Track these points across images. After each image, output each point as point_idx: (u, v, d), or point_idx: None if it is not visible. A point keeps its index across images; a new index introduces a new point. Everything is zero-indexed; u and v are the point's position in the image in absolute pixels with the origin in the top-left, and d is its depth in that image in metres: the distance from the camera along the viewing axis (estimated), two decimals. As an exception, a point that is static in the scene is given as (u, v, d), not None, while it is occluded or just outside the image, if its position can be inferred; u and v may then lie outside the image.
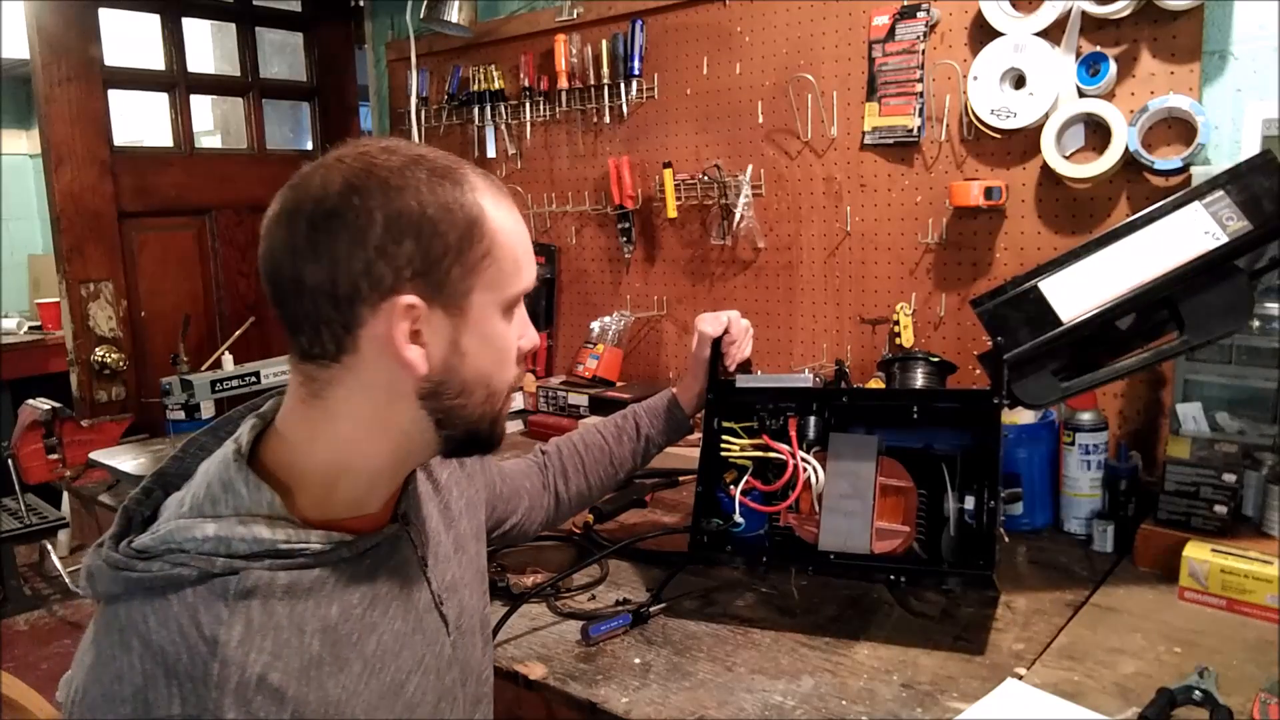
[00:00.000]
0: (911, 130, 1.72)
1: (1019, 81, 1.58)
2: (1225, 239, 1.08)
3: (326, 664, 0.69)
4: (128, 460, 1.90)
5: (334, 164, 0.70)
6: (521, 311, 0.78)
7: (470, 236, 0.71)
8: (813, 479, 1.17)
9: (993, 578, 1.06)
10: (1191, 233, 1.10)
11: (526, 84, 2.27)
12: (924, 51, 1.69)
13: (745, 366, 1.34)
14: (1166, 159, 1.45)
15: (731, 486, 1.22)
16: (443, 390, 0.72)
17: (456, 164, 0.73)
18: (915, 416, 1.18)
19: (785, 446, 1.20)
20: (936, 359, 1.28)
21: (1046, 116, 1.55)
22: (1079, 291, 1.13)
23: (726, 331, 1.31)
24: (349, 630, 0.72)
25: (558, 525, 1.33)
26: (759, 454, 1.23)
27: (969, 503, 1.12)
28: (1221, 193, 1.09)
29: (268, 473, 0.72)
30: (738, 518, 1.21)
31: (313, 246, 0.68)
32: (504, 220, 0.73)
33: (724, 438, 1.25)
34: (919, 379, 1.27)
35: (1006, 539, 1.25)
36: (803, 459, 1.18)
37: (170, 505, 0.72)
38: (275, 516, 0.70)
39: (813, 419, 1.21)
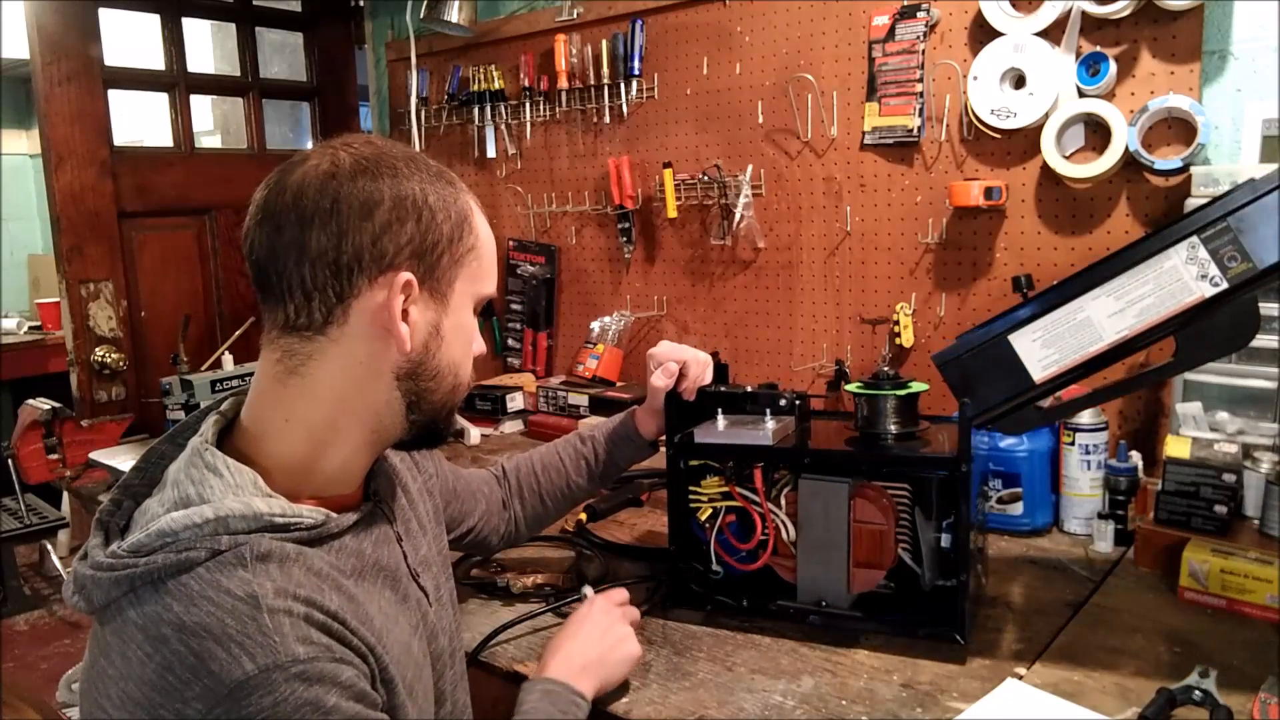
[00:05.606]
0: (911, 130, 1.72)
1: (1019, 81, 1.58)
2: (1226, 285, 0.91)
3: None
4: (128, 460, 1.90)
5: (341, 147, 0.75)
6: (475, 319, 0.83)
7: (461, 230, 0.78)
8: (783, 532, 1.15)
9: (963, 639, 1.06)
10: (1186, 277, 0.92)
11: (526, 84, 2.27)
12: (924, 51, 1.69)
13: (722, 374, 1.29)
14: (1166, 159, 1.45)
15: (707, 524, 1.19)
16: (419, 371, 0.77)
17: (447, 170, 0.81)
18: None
19: (753, 500, 1.16)
20: (903, 393, 1.15)
21: (1046, 116, 1.55)
22: (1054, 345, 0.98)
23: (683, 375, 1.23)
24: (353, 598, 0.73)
25: (518, 543, 1.32)
26: (728, 503, 1.18)
27: (947, 536, 1.10)
28: (1225, 224, 0.90)
29: None
30: (715, 567, 1.19)
31: (321, 215, 0.71)
32: (484, 226, 0.82)
33: (691, 489, 1.19)
34: (888, 419, 1.16)
35: (986, 580, 1.24)
36: (771, 511, 1.15)
37: (148, 510, 0.72)
38: (264, 493, 0.71)
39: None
